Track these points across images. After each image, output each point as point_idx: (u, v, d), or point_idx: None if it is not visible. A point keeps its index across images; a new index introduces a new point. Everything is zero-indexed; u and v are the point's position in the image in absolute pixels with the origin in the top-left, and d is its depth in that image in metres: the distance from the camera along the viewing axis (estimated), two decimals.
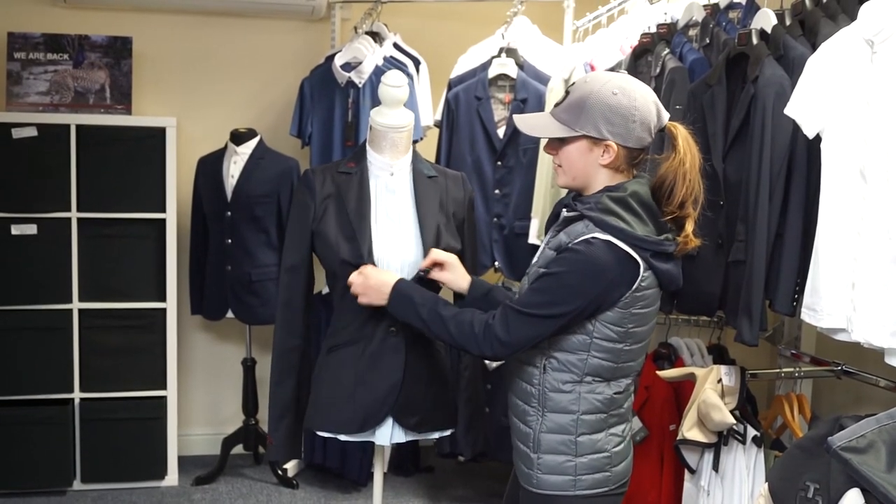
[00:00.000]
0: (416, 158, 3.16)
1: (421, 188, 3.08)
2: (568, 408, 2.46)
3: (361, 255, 2.93)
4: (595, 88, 2.40)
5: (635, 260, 2.35)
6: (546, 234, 2.61)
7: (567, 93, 2.47)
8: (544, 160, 4.25)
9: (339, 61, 4.88)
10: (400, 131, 3.11)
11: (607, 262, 2.32)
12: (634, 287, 2.36)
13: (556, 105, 2.49)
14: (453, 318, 2.53)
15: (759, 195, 2.97)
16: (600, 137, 2.39)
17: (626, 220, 2.35)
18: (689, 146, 2.44)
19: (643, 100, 2.40)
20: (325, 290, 4.53)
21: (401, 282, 2.75)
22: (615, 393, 2.49)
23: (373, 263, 2.92)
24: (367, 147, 3.14)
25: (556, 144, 2.48)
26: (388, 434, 3.08)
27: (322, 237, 3.02)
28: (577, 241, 2.35)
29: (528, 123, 2.57)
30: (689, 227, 2.46)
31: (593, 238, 2.33)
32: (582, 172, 2.45)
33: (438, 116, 4.88)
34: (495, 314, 2.44)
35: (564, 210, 2.51)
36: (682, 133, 2.44)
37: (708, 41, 3.49)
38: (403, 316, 2.72)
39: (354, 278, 2.83)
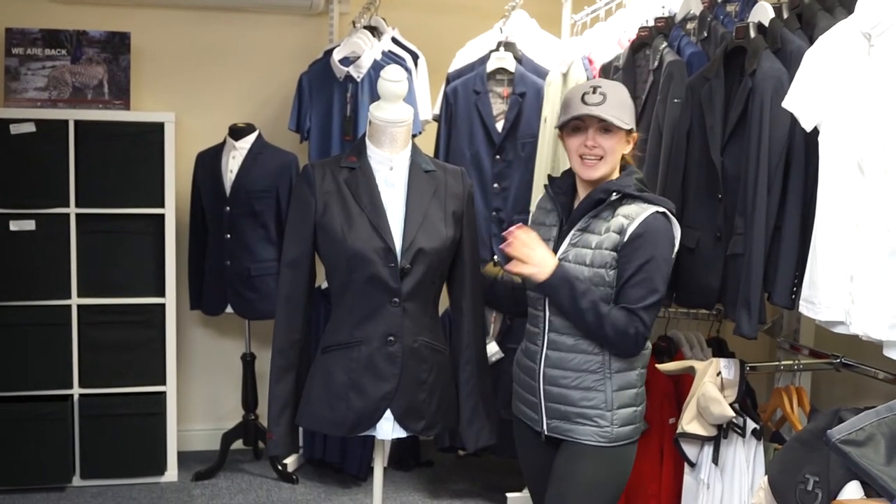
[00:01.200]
0: (416, 153, 3.17)
1: (415, 182, 3.09)
2: (633, 365, 2.88)
3: (389, 247, 2.97)
4: (626, 91, 2.90)
5: (674, 223, 2.83)
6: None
7: (603, 95, 2.80)
8: (543, 154, 4.25)
9: (337, 56, 4.87)
10: (399, 126, 3.12)
11: (670, 230, 2.81)
12: (676, 245, 2.84)
13: (593, 104, 2.79)
14: (610, 316, 2.74)
15: (757, 188, 2.97)
16: (633, 130, 2.88)
17: (655, 195, 2.87)
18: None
19: None
20: (325, 284, 4.53)
21: (562, 264, 2.81)
22: None
23: (396, 256, 2.97)
24: (367, 141, 3.14)
25: (602, 137, 2.82)
26: (389, 429, 3.09)
27: (327, 231, 3.02)
28: (642, 218, 2.75)
29: (608, 117, 2.80)
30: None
31: (656, 213, 2.77)
32: (617, 161, 2.88)
33: (437, 111, 4.88)
34: (627, 311, 2.74)
35: (614, 194, 2.80)
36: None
37: (706, 35, 3.49)
38: (557, 297, 2.78)
39: (518, 236, 2.85)
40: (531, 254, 2.81)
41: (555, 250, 2.86)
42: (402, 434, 3.11)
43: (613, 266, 2.76)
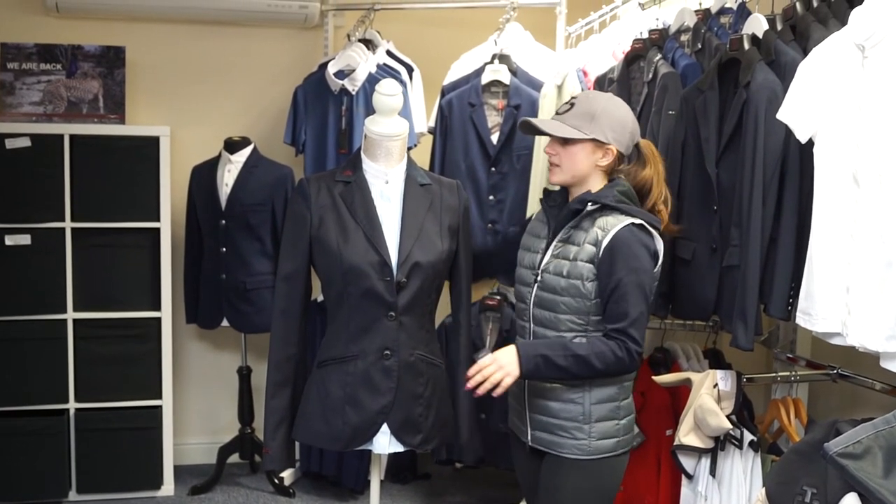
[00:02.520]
0: (411, 166, 3.18)
1: (410, 195, 3.11)
2: (614, 378, 2.84)
3: (385, 261, 2.98)
4: (603, 102, 2.86)
5: (655, 236, 2.81)
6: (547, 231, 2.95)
7: (571, 104, 2.86)
8: (538, 166, 4.25)
9: (332, 69, 4.88)
10: (394, 139, 3.14)
11: (648, 240, 2.78)
12: (659, 258, 2.83)
13: (560, 113, 2.88)
14: (593, 354, 2.72)
15: (752, 200, 2.97)
16: (606, 142, 2.82)
17: (636, 207, 2.82)
18: (657, 159, 2.93)
19: (633, 118, 2.92)
20: (321, 297, 4.53)
21: (521, 345, 2.79)
22: None
23: (392, 269, 2.99)
24: (362, 155, 3.15)
25: (560, 146, 2.84)
26: (385, 443, 3.09)
27: (322, 245, 3.03)
28: (616, 230, 2.74)
29: (546, 124, 2.88)
30: (665, 216, 2.91)
31: (631, 225, 2.75)
32: (581, 171, 2.85)
33: (432, 123, 4.88)
34: (613, 336, 2.74)
35: (589, 205, 2.80)
36: (651, 148, 2.95)
37: (700, 46, 3.50)
38: (544, 375, 2.78)
39: (489, 370, 2.77)
40: (493, 373, 2.75)
41: (540, 262, 2.89)
42: (398, 448, 3.12)
43: (591, 278, 2.77)
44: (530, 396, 2.92)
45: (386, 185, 3.11)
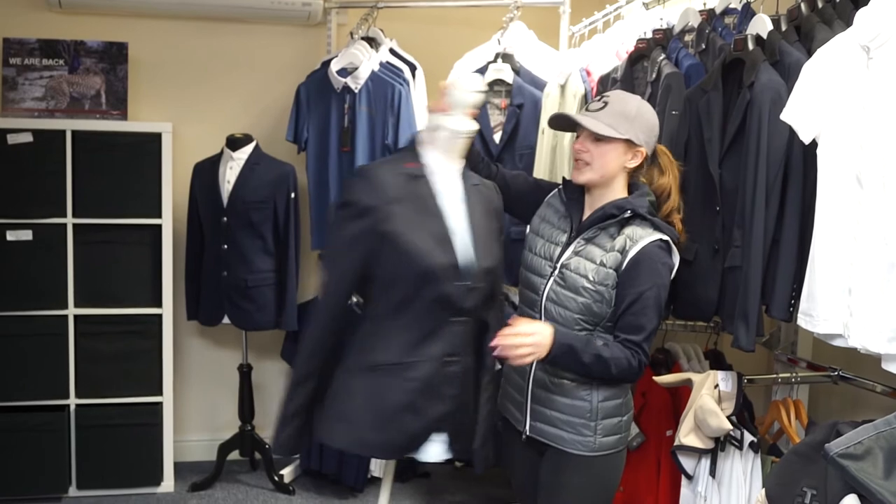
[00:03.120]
0: (464, 165, 3.06)
1: (471, 196, 2.98)
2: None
3: (459, 265, 2.85)
4: (637, 103, 2.87)
5: (674, 252, 2.84)
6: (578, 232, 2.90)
7: (605, 103, 2.84)
8: (540, 165, 4.25)
9: (335, 67, 4.88)
10: (468, 137, 3.01)
11: (669, 259, 2.79)
12: (673, 273, 2.84)
13: (593, 110, 2.84)
14: (613, 359, 2.72)
15: (755, 200, 2.97)
16: (638, 144, 2.82)
17: (663, 222, 2.83)
18: (674, 166, 2.96)
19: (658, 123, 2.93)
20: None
21: (557, 332, 2.71)
22: None
23: (464, 273, 2.87)
24: (423, 149, 2.98)
25: (591, 143, 2.83)
26: (437, 451, 2.98)
27: (392, 242, 2.81)
28: (644, 243, 2.75)
29: (585, 120, 2.83)
30: (679, 227, 2.90)
31: (660, 241, 2.77)
32: (610, 172, 2.83)
33: None
34: (629, 346, 2.74)
35: (628, 212, 2.80)
36: (669, 154, 2.97)
37: (704, 47, 3.50)
38: (564, 364, 2.75)
39: (525, 340, 2.67)
40: (526, 346, 2.66)
41: (560, 255, 2.86)
42: (447, 456, 2.99)
43: (613, 286, 2.76)
44: (535, 388, 2.90)
45: (450, 183, 2.96)
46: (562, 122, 2.95)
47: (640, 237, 2.76)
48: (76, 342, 4.86)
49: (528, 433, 2.94)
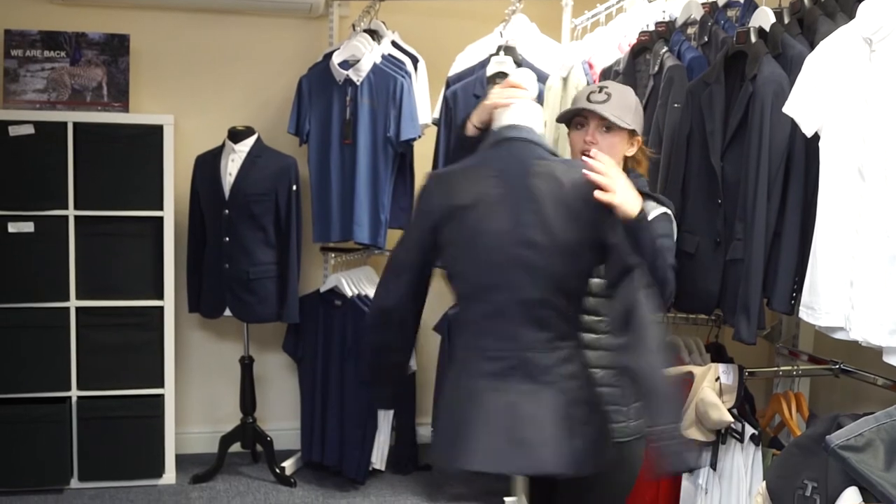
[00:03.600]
0: None
1: None
2: None
3: None
4: (634, 95, 2.96)
5: (675, 225, 2.92)
6: None
7: (608, 95, 2.85)
8: None
9: (337, 59, 4.88)
10: None
11: (673, 233, 2.90)
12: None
13: (599, 102, 2.83)
14: (662, 256, 2.69)
15: (757, 193, 2.96)
16: (638, 133, 2.90)
17: (664, 197, 2.92)
18: (646, 153, 3.01)
19: None
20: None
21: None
22: None
23: None
24: None
25: (601, 134, 2.84)
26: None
27: None
28: (653, 215, 2.77)
29: (605, 110, 2.82)
30: None
31: (665, 213, 2.85)
32: (616, 160, 2.81)
33: (436, 115, 4.88)
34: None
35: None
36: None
37: (706, 39, 3.49)
38: (642, 237, 2.55)
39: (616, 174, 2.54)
40: (619, 180, 2.53)
41: None
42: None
43: None
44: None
45: None
46: (570, 114, 2.93)
47: (649, 210, 2.74)
48: (78, 334, 4.86)
49: None
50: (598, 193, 2.49)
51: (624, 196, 2.50)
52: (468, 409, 2.61)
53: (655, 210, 2.81)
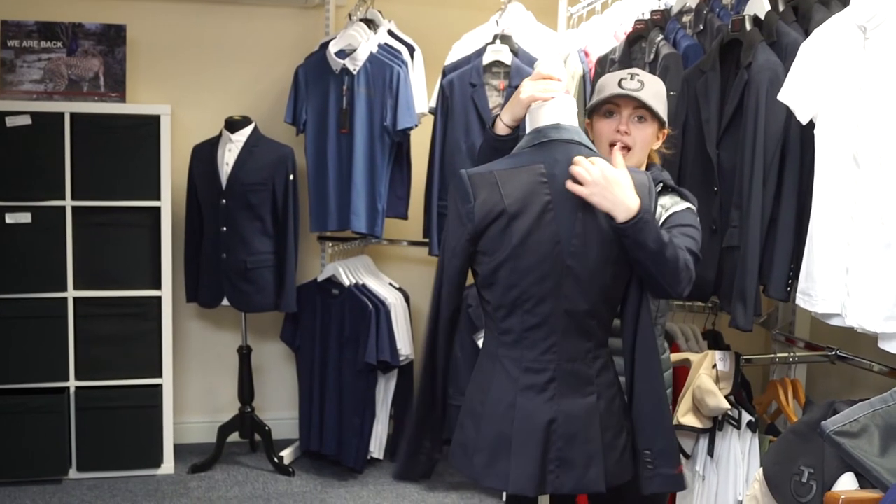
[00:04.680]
0: None
1: None
2: (667, 364, 2.88)
3: None
4: (663, 85, 2.81)
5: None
6: None
7: (641, 83, 2.69)
8: None
9: (333, 48, 4.87)
10: None
11: (697, 223, 2.70)
12: None
13: (635, 90, 2.68)
14: (678, 249, 2.46)
15: (752, 181, 2.97)
16: (666, 126, 2.80)
17: (687, 192, 2.79)
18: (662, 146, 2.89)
19: None
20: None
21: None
22: None
23: None
24: None
25: (634, 125, 2.72)
26: None
27: None
28: (678, 209, 2.68)
29: (646, 99, 2.69)
30: None
31: (690, 208, 2.70)
32: (644, 156, 2.77)
33: (433, 104, 4.88)
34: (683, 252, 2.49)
35: (660, 185, 2.71)
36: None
37: (702, 27, 3.50)
38: (644, 236, 2.37)
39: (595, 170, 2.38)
40: (591, 170, 2.38)
41: None
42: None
43: None
44: None
45: None
46: (608, 100, 2.73)
47: (672, 204, 2.68)
48: (76, 325, 4.86)
49: None
50: (568, 183, 2.40)
51: (603, 194, 2.36)
52: (505, 425, 2.50)
53: (678, 205, 2.69)
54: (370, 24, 4.99)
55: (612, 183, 2.35)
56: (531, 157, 2.47)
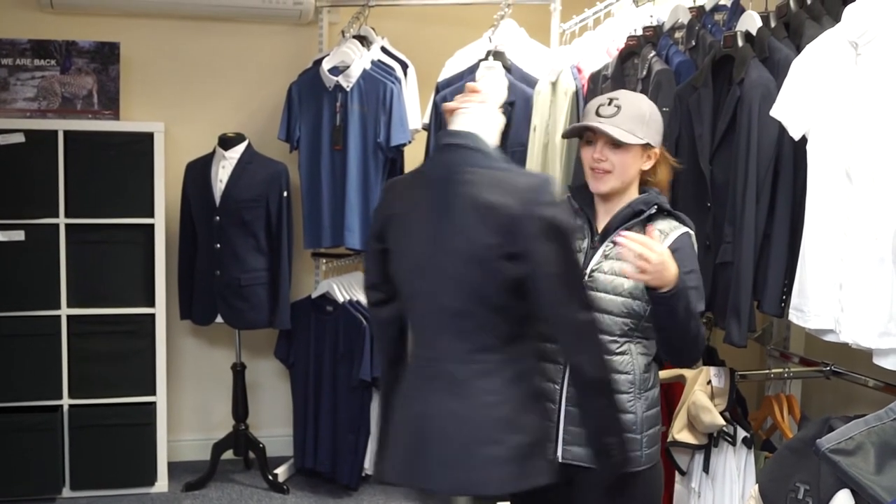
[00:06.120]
0: None
1: None
2: (654, 383, 2.73)
3: None
4: (648, 104, 2.75)
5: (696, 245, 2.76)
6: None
7: (617, 107, 2.67)
8: (532, 163, 4.25)
9: (326, 65, 4.88)
10: None
11: (695, 249, 2.73)
12: None
13: (608, 116, 2.67)
14: (697, 315, 2.59)
15: (745, 197, 2.97)
16: (654, 146, 2.71)
17: (684, 216, 2.77)
18: (669, 162, 2.83)
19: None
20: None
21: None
22: None
23: None
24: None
25: (610, 151, 2.67)
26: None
27: None
28: (676, 235, 2.67)
29: (609, 129, 2.65)
30: None
31: (688, 233, 2.70)
32: (630, 177, 2.72)
33: (426, 120, 4.89)
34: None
35: (654, 208, 2.70)
36: (666, 152, 2.84)
37: (694, 43, 3.50)
38: (676, 306, 2.49)
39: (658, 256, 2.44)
40: (660, 263, 2.45)
41: (585, 262, 2.69)
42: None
43: None
44: (569, 406, 2.67)
45: None
46: (575, 131, 2.78)
47: (671, 229, 2.67)
48: (69, 342, 4.85)
49: (560, 459, 2.67)
50: (630, 273, 2.48)
51: (657, 274, 2.44)
52: (391, 418, 2.73)
53: (676, 230, 2.67)
54: (363, 40, 5.00)
55: (667, 264, 2.45)
56: (426, 163, 2.81)
